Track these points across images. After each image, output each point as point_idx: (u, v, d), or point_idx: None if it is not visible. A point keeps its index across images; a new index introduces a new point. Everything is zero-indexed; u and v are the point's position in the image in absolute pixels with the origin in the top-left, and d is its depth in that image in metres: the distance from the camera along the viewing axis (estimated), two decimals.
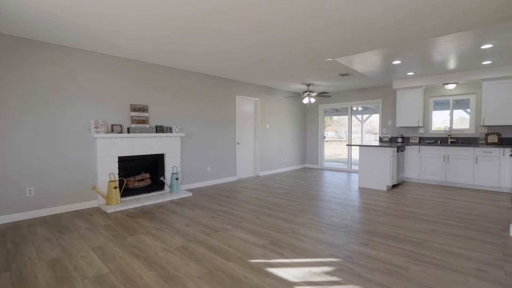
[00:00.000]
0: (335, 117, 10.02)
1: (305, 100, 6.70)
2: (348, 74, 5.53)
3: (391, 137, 6.73)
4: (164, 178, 4.74)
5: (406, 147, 5.87)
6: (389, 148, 4.99)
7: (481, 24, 2.98)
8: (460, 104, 5.89)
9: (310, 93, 6.59)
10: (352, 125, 7.75)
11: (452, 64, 4.81)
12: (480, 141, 5.52)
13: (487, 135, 5.42)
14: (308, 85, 6.58)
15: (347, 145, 5.60)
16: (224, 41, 3.57)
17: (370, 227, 3.08)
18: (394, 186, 5.38)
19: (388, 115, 6.81)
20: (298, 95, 6.73)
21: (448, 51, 4.02)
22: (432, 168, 5.58)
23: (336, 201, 4.26)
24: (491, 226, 3.11)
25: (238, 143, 6.24)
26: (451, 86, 5.58)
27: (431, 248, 2.54)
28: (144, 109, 4.52)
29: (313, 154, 8.37)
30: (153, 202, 4.18)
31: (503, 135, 5.30)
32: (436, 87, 6.03)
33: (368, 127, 9.47)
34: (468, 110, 5.74)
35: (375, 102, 7.07)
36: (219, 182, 5.81)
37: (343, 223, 3.23)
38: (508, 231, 2.95)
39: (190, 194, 4.69)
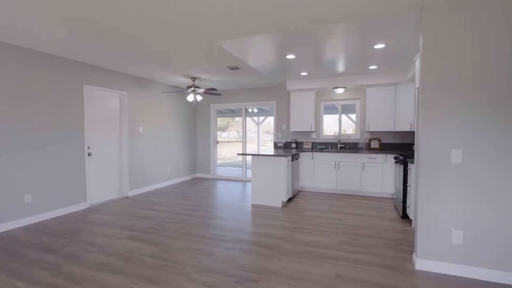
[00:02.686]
0: (237, 118, 9.19)
1: (190, 98, 5.40)
2: (238, 68, 4.55)
3: (285, 142, 6.24)
4: None
5: (300, 154, 5.40)
6: (284, 158, 4.28)
7: (376, 15, 2.42)
8: (348, 109, 5.89)
9: (196, 89, 5.33)
10: (249, 127, 6.97)
11: (342, 67, 4.50)
12: (365, 147, 5.59)
13: (370, 140, 5.51)
14: (193, 79, 5.30)
15: (238, 154, 4.64)
16: None
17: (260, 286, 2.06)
18: (289, 199, 4.76)
19: (282, 119, 6.30)
20: (182, 91, 5.37)
21: (340, 49, 3.53)
22: (325, 175, 5.28)
23: (221, 236, 3.13)
24: (394, 255, 2.62)
25: (89, 154, 4.33)
26: (340, 91, 5.43)
27: None
28: None
29: (205, 162, 7.16)
30: None
31: (383, 141, 5.48)
32: (326, 91, 5.84)
33: (266, 127, 9.04)
34: (354, 115, 5.76)
35: (269, 104, 6.45)
36: (52, 216, 3.80)
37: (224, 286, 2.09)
38: (412, 261, 2.49)
39: None
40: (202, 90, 5.32)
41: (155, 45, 3.40)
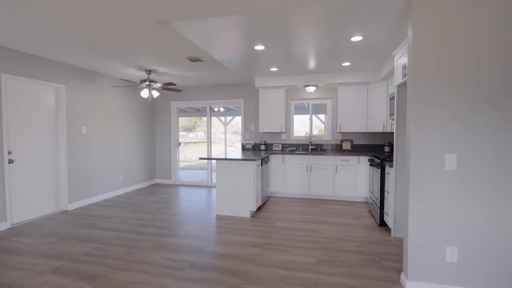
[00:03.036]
0: (204, 118, 8.55)
1: (144, 93, 4.70)
2: (200, 60, 3.99)
3: (254, 143, 5.79)
4: None
5: (270, 156, 4.98)
6: (252, 162, 3.81)
7: None
8: (319, 109, 5.60)
9: (152, 83, 4.64)
10: (217, 127, 6.40)
11: (314, 63, 4.17)
12: (336, 148, 5.35)
13: (342, 141, 5.28)
14: (149, 72, 4.61)
15: (200, 158, 4.07)
16: None
17: None
18: (259, 208, 4.30)
19: (251, 118, 5.84)
20: (135, 85, 4.65)
21: (314, 41, 3.15)
22: (296, 179, 4.92)
23: (177, 262, 2.56)
24: (379, 275, 2.28)
25: (10, 161, 3.46)
26: (311, 89, 5.12)
27: None
28: None
29: (165, 166, 6.43)
30: None
31: (355, 142, 5.27)
32: (297, 89, 5.50)
33: (234, 128, 8.51)
34: (325, 115, 5.50)
35: (237, 103, 5.95)
36: None
37: None
38: (400, 282, 2.17)
39: None
40: (159, 85, 4.65)
41: (92, 27, 2.71)
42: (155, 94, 4.78)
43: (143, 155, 6.02)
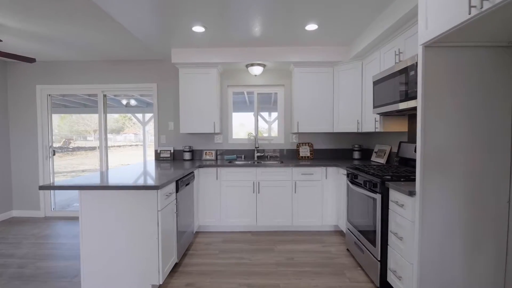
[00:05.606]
0: (134, 118, 6.30)
1: None
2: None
3: (174, 151, 3.90)
4: None
5: (196, 172, 3.18)
6: (154, 192, 1.97)
7: None
8: (267, 100, 4.06)
9: None
10: (136, 128, 4.27)
11: (262, 22, 2.58)
12: (291, 155, 3.88)
13: (298, 146, 3.83)
14: None
15: (40, 187, 2.04)
16: None
17: None
18: (175, 265, 2.47)
19: (168, 113, 3.93)
20: None
21: None
22: (238, 205, 3.26)
23: None
24: None
25: None
26: (257, 70, 3.53)
27: None
28: None
29: (29, 189, 4.00)
30: None
31: (316, 146, 3.88)
32: (236, 71, 3.84)
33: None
34: (276, 110, 3.98)
35: (146, 89, 3.96)
36: None
37: None
38: None
39: None
40: None
41: None
42: None
43: None
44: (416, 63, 2.01)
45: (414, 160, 2.49)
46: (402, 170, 2.29)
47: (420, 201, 1.65)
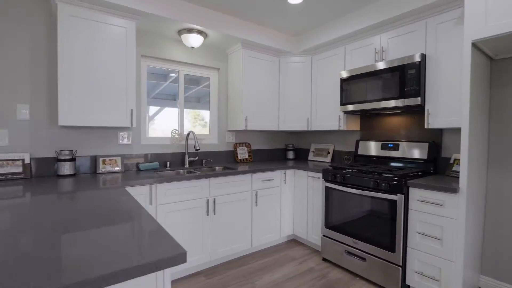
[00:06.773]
0: None
1: None
2: None
3: (31, 160, 2.05)
4: None
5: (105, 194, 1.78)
6: None
7: None
8: (196, 86, 3.01)
9: None
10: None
11: None
12: (228, 158, 3.09)
13: (236, 147, 3.13)
14: None
15: None
16: None
17: None
18: None
19: (14, 86, 2.01)
20: None
21: None
22: (186, 237, 2.15)
23: None
24: None
25: None
26: (196, 40, 2.52)
27: None
28: None
29: None
30: None
31: (253, 147, 3.32)
32: (158, 36, 2.57)
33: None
34: (208, 100, 3.04)
35: None
36: None
37: None
38: None
39: None
40: None
41: None
42: None
43: None
44: (419, 62, 2.06)
45: (375, 157, 2.60)
46: (394, 168, 2.27)
47: (465, 198, 1.66)
